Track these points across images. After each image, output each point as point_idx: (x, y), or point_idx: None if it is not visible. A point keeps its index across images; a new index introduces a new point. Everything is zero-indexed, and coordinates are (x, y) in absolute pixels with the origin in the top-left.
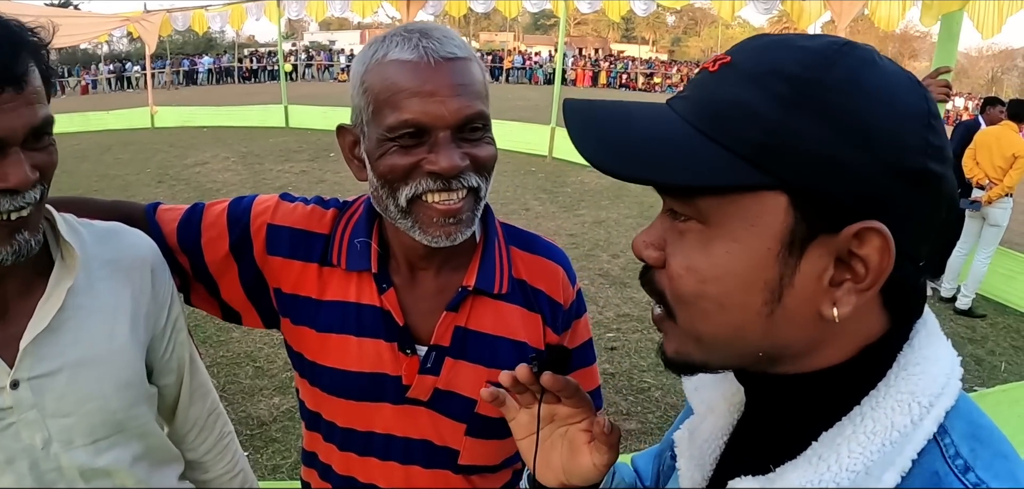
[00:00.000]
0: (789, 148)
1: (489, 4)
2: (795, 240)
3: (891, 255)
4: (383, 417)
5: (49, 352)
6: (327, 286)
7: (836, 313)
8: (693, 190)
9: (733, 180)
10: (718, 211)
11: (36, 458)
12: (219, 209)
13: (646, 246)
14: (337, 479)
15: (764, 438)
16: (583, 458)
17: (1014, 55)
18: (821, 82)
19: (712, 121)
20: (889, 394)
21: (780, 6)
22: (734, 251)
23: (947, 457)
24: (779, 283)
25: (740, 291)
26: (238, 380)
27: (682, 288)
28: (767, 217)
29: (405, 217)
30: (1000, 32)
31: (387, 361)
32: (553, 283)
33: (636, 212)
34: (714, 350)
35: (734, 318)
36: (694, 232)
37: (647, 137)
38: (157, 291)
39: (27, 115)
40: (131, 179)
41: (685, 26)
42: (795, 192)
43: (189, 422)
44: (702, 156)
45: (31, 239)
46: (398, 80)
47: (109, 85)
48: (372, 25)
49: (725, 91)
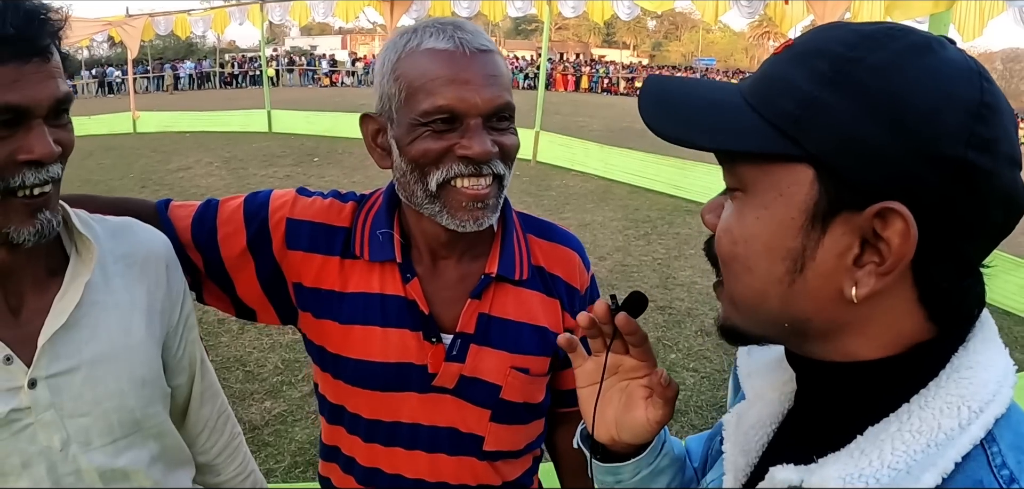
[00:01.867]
0: (817, 122)
1: (473, 8)
2: (818, 213)
3: (912, 240)
4: (409, 406)
5: (66, 350)
6: (350, 278)
7: (855, 292)
8: (736, 156)
9: (760, 146)
10: (754, 179)
11: (54, 461)
12: (235, 205)
13: (707, 212)
14: (361, 471)
15: (811, 429)
16: (638, 412)
17: (993, 58)
18: (861, 61)
19: (761, 96)
20: (939, 395)
21: (763, 10)
22: (763, 217)
23: (993, 466)
24: (801, 253)
25: (764, 256)
26: (228, 384)
27: (719, 249)
28: (794, 188)
29: (433, 202)
30: (981, 35)
31: (412, 350)
32: (570, 269)
33: (621, 215)
34: (744, 313)
35: (757, 282)
36: (738, 200)
37: (706, 109)
38: (171, 287)
39: (52, 87)
40: (114, 184)
41: (666, 30)
42: (820, 165)
43: (200, 423)
44: (743, 125)
45: (52, 219)
46: (433, 68)
47: (90, 90)
48: (354, 30)
49: (777, 68)
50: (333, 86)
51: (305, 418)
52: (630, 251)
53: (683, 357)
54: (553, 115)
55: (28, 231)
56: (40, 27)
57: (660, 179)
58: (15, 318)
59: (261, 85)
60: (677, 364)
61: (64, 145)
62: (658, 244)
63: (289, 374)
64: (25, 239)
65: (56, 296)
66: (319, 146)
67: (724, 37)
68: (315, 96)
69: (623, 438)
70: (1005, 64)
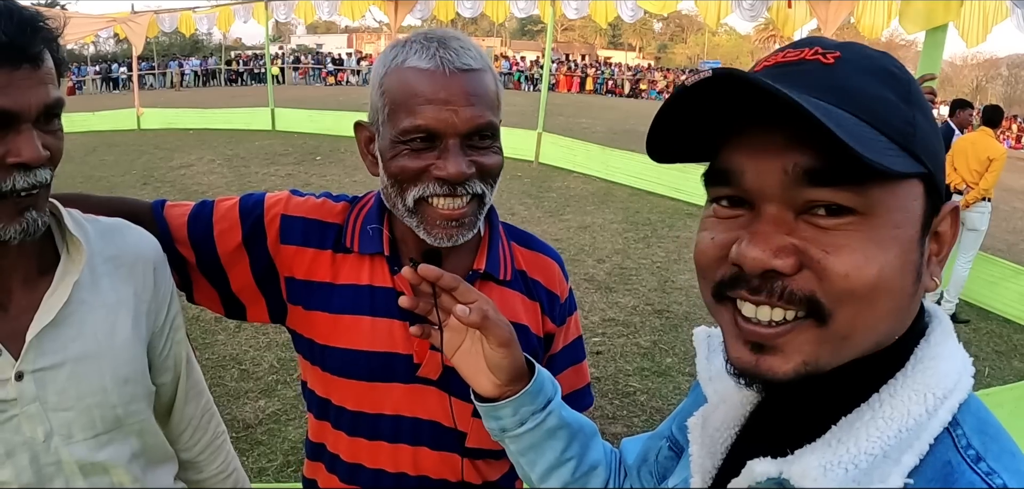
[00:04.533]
0: (920, 138)
1: (477, 8)
2: (926, 223)
3: (958, 227)
4: (393, 398)
5: (52, 346)
6: (341, 270)
7: (934, 283)
8: (869, 175)
9: (905, 166)
10: (884, 200)
11: (36, 451)
12: (230, 203)
13: (777, 254)
14: (344, 468)
15: (779, 427)
16: (489, 351)
17: (998, 63)
18: (913, 81)
19: (869, 113)
20: (906, 384)
21: (766, 13)
22: (899, 238)
23: (959, 447)
24: (919, 265)
25: (900, 276)
26: (223, 382)
27: (856, 284)
28: (914, 203)
29: (411, 216)
30: (985, 41)
31: (399, 340)
32: (550, 276)
33: (621, 218)
34: (857, 347)
35: (897, 303)
36: (860, 225)
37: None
38: (158, 288)
39: (42, 93)
40: (116, 181)
41: (672, 33)
42: (926, 178)
43: (184, 421)
44: (880, 145)
45: (38, 219)
46: (414, 86)
47: (95, 86)
48: (360, 29)
49: (857, 82)
50: (338, 85)
51: (299, 417)
52: (629, 254)
53: (679, 361)
54: (556, 116)
55: (14, 229)
56: (32, 34)
57: (661, 182)
58: (5, 313)
59: (266, 83)
60: (673, 368)
61: (53, 150)
62: (658, 247)
63: (284, 373)
64: (11, 237)
65: (46, 293)
66: (322, 145)
67: (730, 40)
68: (319, 95)
69: (501, 380)
70: (1010, 70)
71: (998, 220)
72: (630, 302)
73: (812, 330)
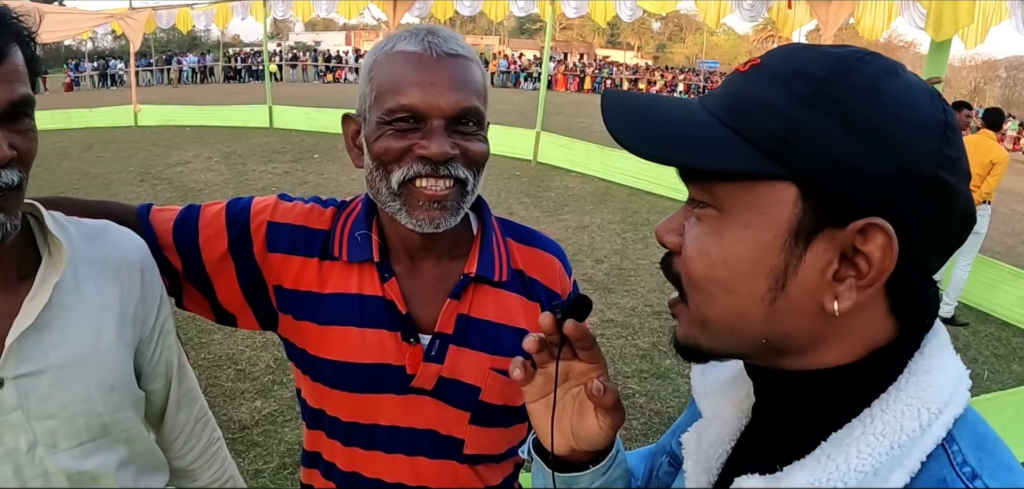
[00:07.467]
0: (804, 143)
1: (475, 7)
2: (801, 231)
3: (894, 254)
4: (387, 408)
5: (33, 352)
6: (328, 279)
7: (837, 306)
8: (713, 175)
9: (750, 168)
10: (733, 198)
11: (20, 463)
12: (216, 209)
13: (666, 231)
14: (341, 476)
15: (771, 440)
16: (591, 420)
17: (997, 65)
18: (841, 85)
19: (738, 116)
20: (899, 398)
21: (765, 13)
22: (744, 237)
23: (954, 464)
24: (784, 271)
25: (747, 277)
26: (219, 383)
27: (693, 271)
28: (777, 207)
29: (395, 199)
30: (983, 42)
31: (390, 351)
32: (550, 273)
33: (620, 218)
34: (719, 336)
35: (739, 303)
36: (710, 219)
37: (679, 126)
38: (146, 292)
39: (8, 90)
40: (113, 177)
41: (670, 32)
42: (805, 185)
43: (176, 429)
44: (725, 146)
45: (7, 222)
46: (402, 69)
47: (93, 82)
48: (358, 27)
49: (751, 89)
50: (335, 83)
51: (295, 419)
52: (628, 254)
53: (679, 363)
54: (555, 116)
55: None
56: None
57: (660, 182)
58: None
59: (264, 80)
60: (672, 370)
61: (22, 152)
62: (656, 248)
63: (281, 373)
64: None
65: (26, 297)
66: (319, 142)
67: (728, 40)
68: (317, 92)
69: (582, 447)
70: (1009, 72)
71: (997, 223)
72: (629, 303)
73: (683, 308)
